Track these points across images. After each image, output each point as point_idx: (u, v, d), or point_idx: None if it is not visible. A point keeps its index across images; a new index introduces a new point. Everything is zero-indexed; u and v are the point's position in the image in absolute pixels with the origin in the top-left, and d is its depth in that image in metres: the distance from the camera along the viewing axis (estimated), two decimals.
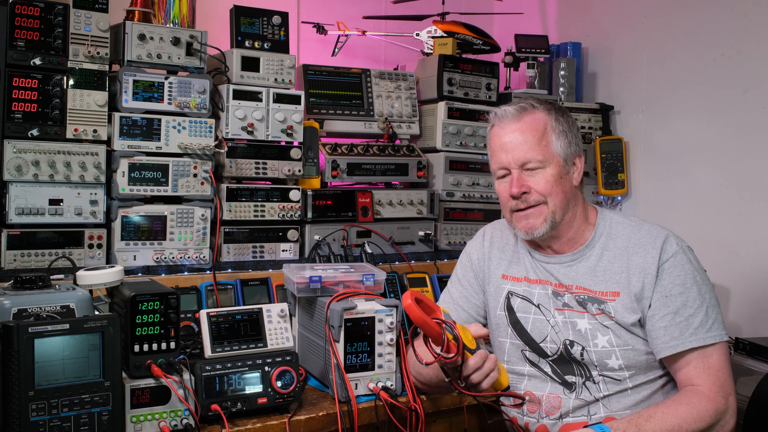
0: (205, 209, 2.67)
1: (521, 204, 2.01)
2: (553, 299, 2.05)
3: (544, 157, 1.98)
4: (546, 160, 1.98)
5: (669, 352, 1.89)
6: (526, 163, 1.98)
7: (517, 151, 1.99)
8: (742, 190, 2.99)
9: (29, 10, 2.37)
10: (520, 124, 2.01)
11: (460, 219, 3.23)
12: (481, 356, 1.77)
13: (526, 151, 1.98)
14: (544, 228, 2.00)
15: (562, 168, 2.00)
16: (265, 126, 2.79)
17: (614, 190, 3.45)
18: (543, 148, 1.98)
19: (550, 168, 1.98)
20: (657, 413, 1.82)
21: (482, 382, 1.79)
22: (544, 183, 1.98)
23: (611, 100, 3.59)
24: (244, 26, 2.80)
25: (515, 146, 1.99)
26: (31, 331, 1.59)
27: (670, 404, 1.85)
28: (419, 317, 1.69)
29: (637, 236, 2.00)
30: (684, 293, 1.91)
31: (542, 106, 2.04)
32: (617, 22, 3.60)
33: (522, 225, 2.02)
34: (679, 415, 1.80)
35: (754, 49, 2.96)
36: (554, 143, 1.99)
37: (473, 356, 1.77)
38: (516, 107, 2.04)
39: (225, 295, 2.52)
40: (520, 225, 2.03)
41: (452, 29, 3.44)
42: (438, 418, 2.24)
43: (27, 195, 2.40)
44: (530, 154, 1.98)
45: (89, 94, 2.49)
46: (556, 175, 1.98)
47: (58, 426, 1.61)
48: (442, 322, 1.74)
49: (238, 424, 1.87)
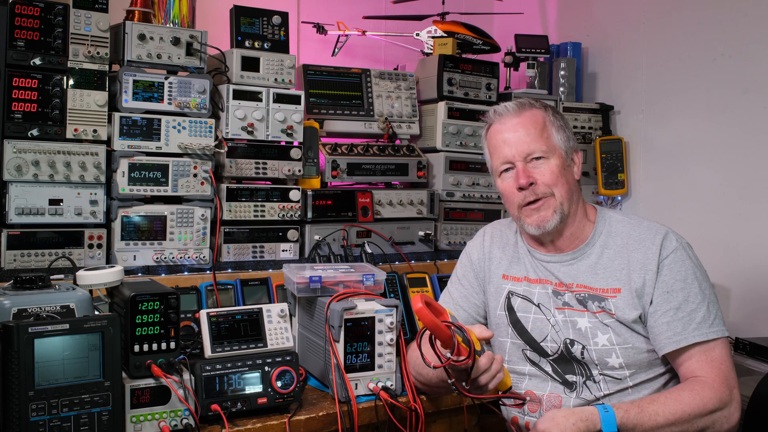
0: (205, 209, 2.67)
1: (530, 196, 2.01)
2: (553, 298, 2.05)
3: (548, 147, 2.01)
4: (549, 151, 2.01)
5: (672, 347, 1.89)
6: (531, 154, 2.00)
7: (520, 143, 2.01)
8: (742, 190, 2.99)
9: (29, 10, 2.37)
10: (521, 118, 2.04)
11: (460, 219, 3.23)
12: (488, 358, 1.76)
13: (529, 142, 2.00)
14: (555, 220, 2.00)
15: (564, 160, 2.03)
16: (265, 126, 2.79)
17: (614, 190, 3.45)
18: (546, 140, 2.01)
19: (553, 159, 2.00)
20: (660, 397, 1.85)
21: (489, 383, 1.78)
22: (549, 173, 1.99)
23: (611, 100, 3.59)
24: (244, 26, 2.80)
25: (518, 139, 2.02)
26: (31, 331, 1.59)
27: (674, 390, 1.87)
28: (431, 321, 1.68)
29: (636, 233, 2.01)
30: (685, 289, 1.92)
31: (538, 104, 2.09)
32: (617, 22, 3.60)
33: (533, 219, 2.02)
34: (682, 400, 1.81)
35: (754, 49, 2.96)
36: (555, 136, 2.03)
37: (481, 358, 1.76)
38: (515, 103, 2.08)
39: (225, 295, 2.52)
40: (531, 219, 2.02)
41: (452, 29, 3.44)
42: (438, 418, 2.24)
43: (27, 195, 2.40)
44: (534, 145, 2.00)
45: (89, 94, 2.49)
46: (560, 166, 2.01)
47: (58, 426, 1.61)
48: (453, 325, 1.73)
49: (238, 424, 1.87)
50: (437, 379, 1.99)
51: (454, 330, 1.71)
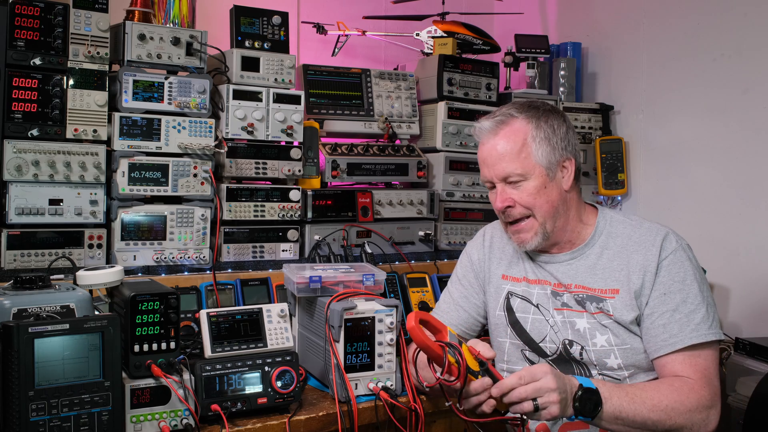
0: (205, 209, 2.67)
1: (508, 218, 2.02)
2: (552, 299, 2.05)
3: (524, 170, 1.95)
4: (527, 173, 1.96)
5: (668, 350, 1.88)
6: (507, 177, 1.97)
7: (496, 166, 1.98)
8: (742, 190, 2.99)
9: (29, 10, 2.37)
10: (497, 138, 1.98)
11: (460, 219, 3.23)
12: (482, 384, 1.71)
13: (505, 165, 1.96)
14: (536, 241, 2.00)
15: (546, 177, 1.97)
16: (265, 126, 2.79)
17: (614, 190, 3.45)
18: (522, 161, 1.95)
19: (532, 180, 1.96)
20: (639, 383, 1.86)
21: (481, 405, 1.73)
22: (527, 196, 1.97)
23: (611, 100, 3.59)
24: (244, 26, 2.80)
25: (494, 161, 1.98)
26: (31, 331, 1.59)
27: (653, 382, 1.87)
28: (421, 341, 1.67)
29: (637, 234, 2.00)
30: (684, 290, 1.91)
31: (523, 114, 1.99)
32: (617, 22, 3.60)
33: (515, 238, 2.05)
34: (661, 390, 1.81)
35: (754, 49, 2.96)
36: (535, 153, 1.96)
37: (474, 382, 1.71)
38: (493, 121, 2.00)
39: (225, 295, 2.52)
40: (513, 238, 2.06)
41: (452, 29, 3.44)
42: (438, 418, 2.24)
43: (27, 195, 2.41)
44: (509, 168, 1.96)
45: (89, 94, 2.49)
46: (539, 186, 1.96)
47: (58, 426, 1.61)
48: (446, 345, 1.70)
49: (238, 424, 1.87)
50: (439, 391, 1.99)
51: (446, 350, 1.69)
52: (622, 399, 1.76)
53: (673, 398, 1.79)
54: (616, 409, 1.75)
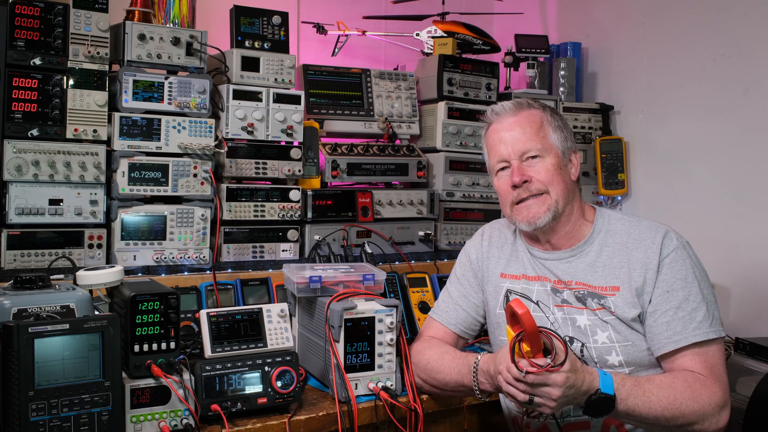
0: (205, 209, 2.67)
1: (523, 193, 2.01)
2: (552, 296, 2.05)
3: (543, 146, 2.02)
4: (545, 150, 2.02)
5: (672, 347, 1.89)
6: (526, 152, 2.01)
7: (516, 142, 2.02)
8: (742, 190, 2.99)
9: (29, 10, 2.37)
10: (517, 117, 2.05)
11: (460, 219, 3.23)
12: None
13: (525, 141, 2.02)
14: (547, 217, 2.00)
15: (561, 159, 2.03)
16: (265, 126, 2.79)
17: (614, 190, 3.45)
18: (542, 139, 2.02)
19: (549, 157, 2.01)
20: (656, 378, 1.86)
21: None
22: (545, 172, 2.00)
23: (611, 100, 3.59)
24: (244, 26, 2.80)
25: (514, 138, 2.03)
26: (31, 331, 1.59)
27: (667, 376, 1.88)
28: (534, 326, 1.66)
29: (636, 232, 2.01)
30: (686, 288, 1.92)
31: (537, 104, 2.10)
32: (617, 22, 3.60)
33: (524, 216, 2.03)
34: (675, 387, 1.82)
35: (754, 49, 2.96)
36: (551, 135, 2.04)
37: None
38: (513, 102, 2.09)
39: (225, 295, 2.52)
40: (522, 216, 2.03)
41: (452, 29, 3.44)
42: (438, 418, 2.24)
43: (27, 195, 2.41)
44: (530, 144, 2.01)
45: (89, 94, 2.49)
46: (556, 165, 2.01)
47: (58, 426, 1.61)
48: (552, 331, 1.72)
49: (238, 424, 1.87)
50: (454, 383, 1.99)
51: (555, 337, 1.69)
52: (638, 399, 1.78)
53: (687, 395, 1.81)
54: (630, 408, 1.78)
